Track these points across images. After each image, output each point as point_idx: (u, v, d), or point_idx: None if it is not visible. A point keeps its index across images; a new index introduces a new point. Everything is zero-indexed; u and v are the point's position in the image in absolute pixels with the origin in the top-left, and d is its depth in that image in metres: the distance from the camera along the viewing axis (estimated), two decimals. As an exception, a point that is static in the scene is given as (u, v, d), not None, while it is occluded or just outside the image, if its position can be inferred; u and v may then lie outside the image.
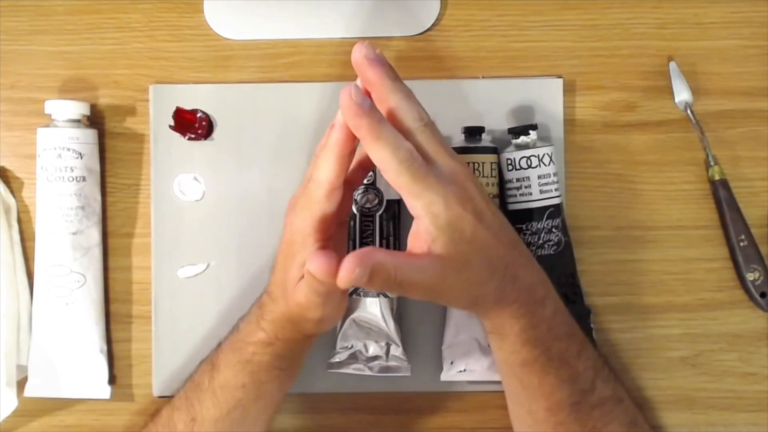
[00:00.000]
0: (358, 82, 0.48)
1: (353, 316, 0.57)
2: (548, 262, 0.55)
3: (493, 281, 0.48)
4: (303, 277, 0.49)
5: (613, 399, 0.53)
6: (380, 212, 0.57)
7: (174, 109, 0.60)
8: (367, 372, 0.57)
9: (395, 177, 0.45)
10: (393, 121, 0.47)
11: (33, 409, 0.61)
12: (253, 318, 0.53)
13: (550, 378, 0.50)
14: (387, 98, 0.47)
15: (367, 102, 0.45)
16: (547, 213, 0.57)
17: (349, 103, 0.45)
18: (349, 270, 0.42)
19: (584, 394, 0.51)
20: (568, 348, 0.51)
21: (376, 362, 0.57)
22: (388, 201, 0.57)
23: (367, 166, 0.53)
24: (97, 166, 0.61)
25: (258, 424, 0.54)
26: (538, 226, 0.57)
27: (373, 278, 0.43)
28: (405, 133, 0.46)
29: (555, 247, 0.57)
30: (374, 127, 0.45)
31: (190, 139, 0.61)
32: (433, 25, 0.62)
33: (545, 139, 0.60)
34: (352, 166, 0.51)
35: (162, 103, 0.61)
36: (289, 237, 0.50)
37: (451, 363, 0.58)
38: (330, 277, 0.44)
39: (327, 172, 0.47)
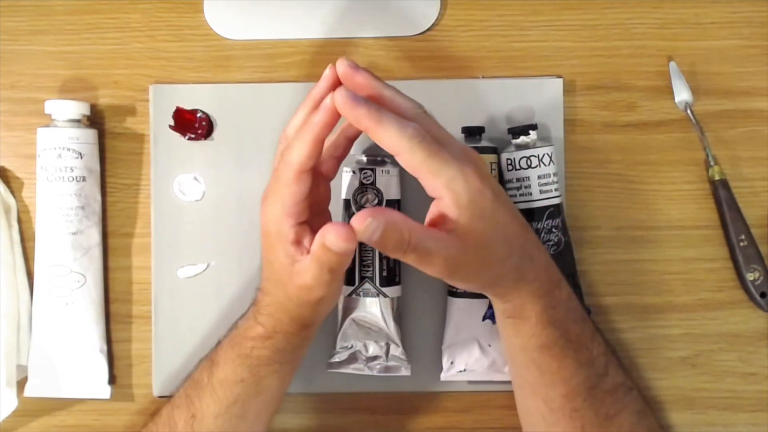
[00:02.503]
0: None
1: (353, 316, 0.57)
2: (548, 262, 0.55)
3: (512, 260, 0.48)
4: (297, 261, 0.49)
5: (624, 386, 0.54)
6: (380, 212, 0.57)
7: (174, 109, 0.61)
8: (367, 372, 0.57)
9: (410, 156, 0.45)
10: (392, 112, 0.47)
11: (33, 409, 0.61)
12: (250, 315, 0.53)
13: (568, 361, 0.51)
14: (381, 95, 0.48)
15: (361, 97, 0.46)
16: (547, 213, 0.57)
17: (345, 98, 0.45)
18: (361, 219, 0.43)
19: (599, 378, 0.52)
20: (583, 331, 0.52)
21: (376, 362, 0.57)
22: (388, 201, 0.57)
23: (340, 155, 0.53)
24: (97, 166, 0.61)
25: (259, 422, 0.54)
26: (538, 226, 0.57)
27: (386, 235, 0.43)
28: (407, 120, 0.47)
29: (555, 247, 0.57)
30: (374, 113, 0.45)
31: (190, 139, 0.61)
32: (433, 25, 0.62)
33: (545, 139, 0.60)
34: (325, 154, 0.52)
35: (162, 103, 0.61)
36: (264, 229, 0.50)
37: (451, 363, 0.58)
38: (350, 242, 0.44)
39: (300, 152, 0.47)
